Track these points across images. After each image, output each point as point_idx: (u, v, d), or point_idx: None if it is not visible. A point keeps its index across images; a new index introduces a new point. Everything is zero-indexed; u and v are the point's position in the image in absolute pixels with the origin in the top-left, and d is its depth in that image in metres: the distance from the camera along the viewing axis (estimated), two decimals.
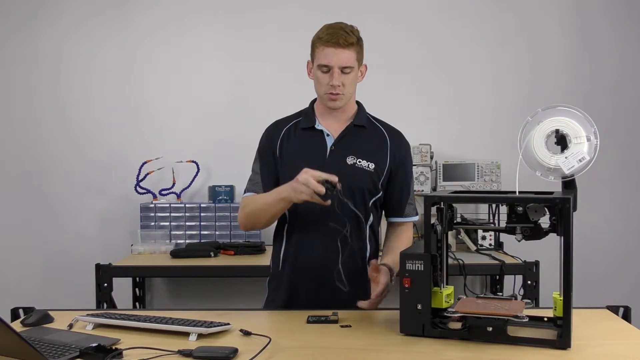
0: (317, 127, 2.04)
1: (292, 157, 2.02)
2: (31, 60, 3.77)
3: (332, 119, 2.05)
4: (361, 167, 2.00)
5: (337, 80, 1.94)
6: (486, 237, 3.35)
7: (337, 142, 2.02)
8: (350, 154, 2.01)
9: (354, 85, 2.01)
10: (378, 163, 2.02)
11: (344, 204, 1.82)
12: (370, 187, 2.01)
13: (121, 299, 3.36)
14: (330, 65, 1.93)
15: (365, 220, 2.02)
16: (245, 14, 3.77)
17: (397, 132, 2.12)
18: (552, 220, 1.59)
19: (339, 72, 1.94)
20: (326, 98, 1.98)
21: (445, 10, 3.77)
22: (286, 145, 2.05)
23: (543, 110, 1.67)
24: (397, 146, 2.07)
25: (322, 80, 1.97)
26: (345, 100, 2.00)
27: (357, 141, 2.03)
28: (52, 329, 1.70)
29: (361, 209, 1.98)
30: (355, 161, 2.00)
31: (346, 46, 1.93)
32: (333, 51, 1.92)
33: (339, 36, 1.92)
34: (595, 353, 1.49)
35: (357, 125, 2.04)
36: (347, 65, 1.94)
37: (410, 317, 1.61)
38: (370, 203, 2.03)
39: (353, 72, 1.97)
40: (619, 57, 3.77)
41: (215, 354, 1.46)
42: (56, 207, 3.77)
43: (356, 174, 1.99)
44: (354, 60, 1.96)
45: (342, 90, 1.96)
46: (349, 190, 1.93)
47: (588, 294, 2.92)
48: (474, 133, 3.77)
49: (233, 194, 3.65)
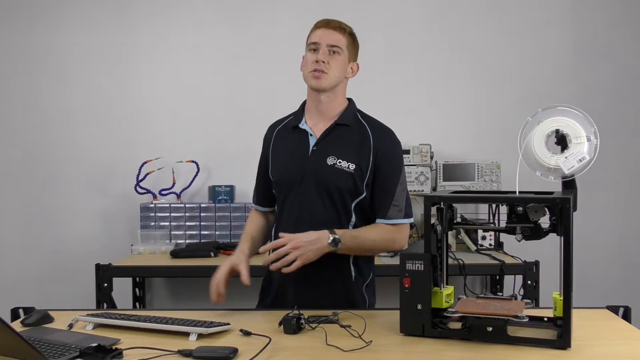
0: (302, 126, 2.04)
1: (279, 157, 2.07)
2: (32, 60, 3.77)
3: (318, 117, 2.03)
4: (341, 168, 1.96)
5: (322, 56, 1.95)
6: (486, 237, 3.35)
7: (318, 142, 2.00)
8: (331, 155, 1.98)
9: (341, 72, 1.99)
10: (359, 163, 1.97)
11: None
12: (351, 188, 1.97)
13: (121, 299, 3.36)
14: (319, 42, 1.96)
15: (347, 221, 1.99)
16: (246, 15, 3.78)
17: (382, 130, 2.03)
18: (552, 220, 1.59)
19: (326, 50, 1.95)
20: (310, 77, 1.97)
21: (446, 10, 3.77)
22: (277, 145, 2.09)
23: (543, 110, 1.67)
24: (380, 145, 1.99)
25: (309, 60, 1.98)
26: (329, 83, 1.97)
27: (339, 141, 2.00)
28: (52, 329, 1.70)
29: (342, 211, 1.97)
30: (335, 162, 1.97)
31: (336, 28, 1.98)
32: (323, 30, 1.98)
33: (330, 20, 2.00)
34: (595, 353, 1.49)
35: (340, 124, 2.01)
36: (336, 45, 1.96)
37: (410, 317, 1.61)
38: (353, 204, 1.98)
39: (341, 57, 1.97)
40: (619, 57, 3.77)
41: (215, 354, 1.46)
42: (56, 207, 3.77)
43: (335, 175, 1.96)
44: (343, 45, 1.98)
45: (326, 68, 1.95)
46: (328, 191, 1.96)
47: (588, 294, 2.92)
48: (474, 133, 3.77)
49: (233, 194, 3.65)
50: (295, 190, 1.99)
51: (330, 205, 1.97)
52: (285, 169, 2.03)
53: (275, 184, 2.06)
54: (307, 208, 1.98)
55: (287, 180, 2.01)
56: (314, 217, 1.96)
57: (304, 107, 2.09)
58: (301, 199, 1.99)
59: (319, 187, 1.97)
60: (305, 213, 1.98)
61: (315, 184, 1.97)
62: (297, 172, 1.99)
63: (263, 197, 2.16)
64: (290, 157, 2.03)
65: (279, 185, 2.05)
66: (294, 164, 2.00)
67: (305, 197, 1.98)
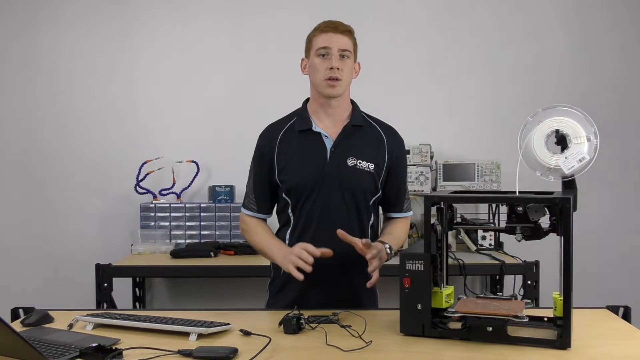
0: (315, 129, 2.01)
1: (292, 162, 2.00)
2: (32, 59, 3.77)
3: (328, 119, 2.02)
4: (362, 169, 1.98)
5: (336, 62, 1.93)
6: (486, 237, 3.35)
7: (336, 144, 2.00)
8: (351, 155, 1.99)
9: (351, 75, 2.00)
10: (377, 163, 2.01)
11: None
12: (372, 188, 2.01)
13: (121, 299, 3.36)
14: (330, 47, 1.94)
15: (367, 221, 2.03)
16: (246, 15, 3.78)
17: (392, 130, 2.09)
18: (552, 220, 1.59)
19: (338, 55, 1.94)
20: (325, 85, 1.95)
21: (445, 11, 3.77)
22: (284, 149, 2.01)
23: (543, 110, 1.67)
24: (393, 144, 2.06)
25: (320, 66, 1.95)
26: (344, 89, 1.98)
27: (355, 142, 2.01)
28: (52, 329, 1.70)
29: (363, 211, 2.00)
30: (355, 162, 1.98)
31: (344, 32, 1.96)
32: (332, 35, 1.95)
33: (337, 23, 1.98)
34: (595, 353, 1.49)
35: (354, 125, 2.02)
36: (346, 49, 1.95)
37: (410, 317, 1.61)
38: (371, 203, 2.03)
39: (350, 61, 1.97)
40: (619, 57, 3.77)
41: (215, 354, 1.46)
42: (56, 207, 3.77)
43: (357, 175, 1.98)
44: (351, 48, 1.98)
45: (340, 75, 1.94)
46: (351, 192, 1.96)
47: (588, 294, 2.91)
48: (474, 133, 3.77)
49: (233, 194, 3.65)
50: (316, 193, 1.96)
51: (352, 206, 1.98)
52: (302, 173, 1.98)
53: (289, 189, 2.00)
54: (330, 211, 1.96)
55: (305, 185, 1.97)
56: (336, 219, 1.94)
57: (306, 109, 2.06)
58: (321, 202, 1.96)
59: (342, 189, 1.96)
60: (327, 216, 1.96)
61: (337, 186, 1.96)
62: (317, 176, 1.96)
63: (265, 204, 2.08)
64: (307, 161, 1.99)
65: (295, 190, 1.99)
66: (311, 168, 1.96)
67: (327, 200, 1.96)
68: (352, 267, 1.95)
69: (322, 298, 1.94)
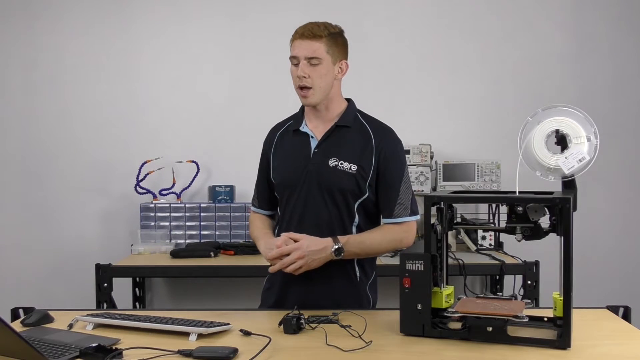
0: (302, 129, 2.04)
1: (281, 160, 2.07)
2: (31, 59, 3.77)
3: (317, 120, 2.04)
4: (343, 170, 1.97)
5: (301, 71, 1.93)
6: (486, 237, 3.35)
7: (320, 145, 2.01)
8: (333, 156, 1.98)
9: (325, 80, 1.96)
10: (362, 164, 1.98)
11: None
12: (354, 189, 1.97)
13: (121, 299, 3.36)
14: (297, 56, 1.95)
15: (350, 222, 2.00)
16: (246, 15, 3.78)
17: (384, 130, 2.04)
18: (552, 220, 1.59)
19: (305, 63, 1.94)
20: (298, 94, 1.99)
21: (445, 10, 3.77)
22: (279, 149, 2.09)
23: (543, 110, 1.67)
24: (382, 144, 2.00)
25: (293, 74, 1.98)
26: (318, 96, 1.97)
27: (340, 142, 2.00)
28: (52, 329, 1.70)
29: (344, 211, 1.99)
30: (337, 163, 1.97)
31: (312, 37, 1.93)
32: (299, 42, 1.95)
33: (305, 29, 1.95)
34: (595, 353, 1.49)
35: (340, 125, 2.02)
36: (313, 56, 1.93)
37: (410, 317, 1.61)
38: (356, 205, 2.00)
39: (322, 65, 1.94)
40: (619, 57, 3.77)
41: (215, 354, 1.46)
42: (56, 207, 3.77)
43: (337, 176, 1.97)
44: (322, 53, 1.93)
45: (309, 83, 1.94)
46: (330, 192, 1.97)
47: (588, 294, 2.92)
48: (474, 133, 3.77)
49: (233, 194, 3.65)
50: (298, 192, 2.00)
51: (332, 207, 1.98)
52: (287, 172, 2.04)
53: (277, 186, 2.07)
54: (310, 210, 1.99)
55: (289, 183, 2.02)
56: (317, 218, 1.98)
57: (303, 109, 2.09)
58: (304, 201, 2.00)
59: (322, 189, 1.98)
60: (308, 214, 1.99)
61: (317, 186, 1.98)
62: (299, 175, 2.00)
63: (265, 200, 2.16)
64: (292, 159, 2.03)
65: (282, 187, 2.05)
66: (296, 167, 2.01)
67: (308, 199, 1.99)
68: (331, 267, 1.93)
69: (300, 298, 1.93)
